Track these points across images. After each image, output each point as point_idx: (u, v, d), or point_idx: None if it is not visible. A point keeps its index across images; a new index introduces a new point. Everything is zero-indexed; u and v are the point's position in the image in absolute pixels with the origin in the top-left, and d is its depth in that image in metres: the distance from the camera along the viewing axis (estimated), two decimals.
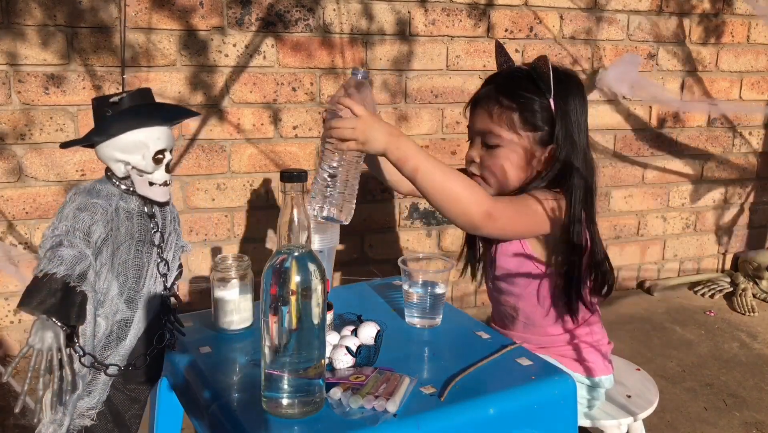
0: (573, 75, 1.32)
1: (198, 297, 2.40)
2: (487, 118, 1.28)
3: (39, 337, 0.85)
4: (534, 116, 1.25)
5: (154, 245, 1.00)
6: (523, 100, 1.25)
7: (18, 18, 2.03)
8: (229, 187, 2.36)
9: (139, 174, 0.96)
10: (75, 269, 0.88)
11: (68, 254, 0.88)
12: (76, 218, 0.91)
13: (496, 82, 1.31)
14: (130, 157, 0.94)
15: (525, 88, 1.25)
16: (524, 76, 1.27)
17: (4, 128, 2.09)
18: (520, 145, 1.26)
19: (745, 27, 2.93)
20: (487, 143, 1.29)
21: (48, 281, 0.86)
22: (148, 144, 0.94)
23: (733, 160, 3.09)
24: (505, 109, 1.26)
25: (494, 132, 1.27)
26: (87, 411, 0.96)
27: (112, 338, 0.97)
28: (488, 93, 1.29)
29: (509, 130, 1.26)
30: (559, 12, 2.61)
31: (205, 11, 2.20)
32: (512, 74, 1.30)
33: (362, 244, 2.57)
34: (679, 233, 3.09)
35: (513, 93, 1.26)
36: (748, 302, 2.84)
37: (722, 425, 1.98)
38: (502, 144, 1.27)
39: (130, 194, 0.97)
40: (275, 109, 2.35)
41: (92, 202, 0.93)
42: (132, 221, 0.97)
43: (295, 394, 0.95)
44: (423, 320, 1.29)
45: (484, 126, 1.29)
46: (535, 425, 1.06)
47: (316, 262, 0.94)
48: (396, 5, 2.40)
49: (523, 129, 1.26)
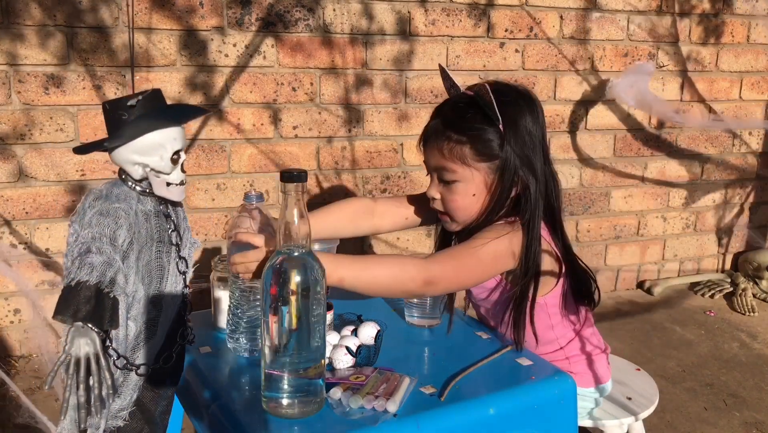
0: (521, 92, 1.26)
1: (198, 297, 2.40)
2: (438, 154, 1.25)
3: (76, 345, 0.86)
4: (486, 146, 1.21)
5: (172, 244, 1.01)
6: (472, 132, 1.21)
7: (18, 18, 2.03)
8: (229, 187, 2.36)
9: (156, 175, 0.96)
10: (106, 275, 0.89)
11: (98, 261, 0.89)
12: (100, 224, 0.92)
13: (443, 114, 1.27)
14: (149, 159, 0.94)
15: (472, 119, 1.21)
16: (469, 105, 1.22)
17: (4, 128, 2.09)
18: (477, 178, 1.23)
19: (745, 27, 2.93)
20: (443, 180, 1.26)
21: (81, 289, 0.87)
22: (166, 145, 0.94)
23: (732, 161, 3.09)
24: (455, 144, 1.22)
25: (448, 168, 1.24)
26: (119, 412, 0.97)
27: (141, 338, 0.98)
28: (437, 128, 1.26)
29: (463, 165, 1.22)
30: (559, 12, 2.62)
31: (205, 11, 2.20)
32: (457, 104, 1.25)
33: (362, 244, 2.57)
34: (679, 233, 3.09)
35: (461, 126, 1.22)
36: (748, 302, 2.84)
37: (722, 425, 1.98)
38: (459, 179, 1.23)
39: (146, 196, 0.98)
40: (275, 109, 2.35)
41: (114, 207, 0.94)
42: (150, 222, 0.98)
43: (295, 394, 0.95)
44: (423, 320, 1.29)
45: (437, 163, 1.26)
46: (535, 425, 1.06)
47: (316, 262, 0.94)
48: (396, 5, 2.40)
49: (477, 161, 1.22)
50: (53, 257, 2.20)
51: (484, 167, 1.22)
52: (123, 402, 0.98)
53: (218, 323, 1.24)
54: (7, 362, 2.21)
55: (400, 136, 2.52)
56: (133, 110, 0.93)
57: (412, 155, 2.55)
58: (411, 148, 2.55)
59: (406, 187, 2.57)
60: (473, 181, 1.23)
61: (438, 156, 1.24)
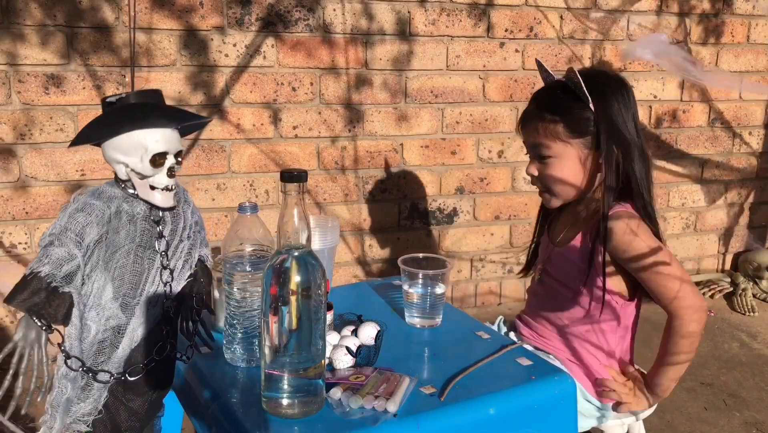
0: (611, 75, 1.37)
1: None
2: (534, 133, 1.35)
3: (22, 334, 0.86)
4: (578, 123, 1.30)
5: (156, 251, 0.98)
6: (564, 111, 1.31)
7: (18, 18, 2.03)
8: (229, 187, 2.36)
9: (138, 177, 0.94)
10: (61, 269, 0.88)
11: (56, 254, 0.88)
12: (71, 218, 0.91)
13: (538, 98, 1.38)
14: (129, 159, 0.93)
15: (564, 99, 1.31)
16: (562, 88, 1.33)
17: (5, 128, 2.09)
18: (572, 153, 1.32)
19: (745, 27, 2.93)
20: (540, 155, 1.35)
21: (33, 279, 0.86)
22: (147, 146, 0.92)
23: (733, 160, 3.09)
24: (549, 123, 1.32)
25: (544, 144, 1.33)
26: (82, 417, 0.95)
27: (106, 344, 0.95)
28: (532, 110, 1.37)
29: (557, 141, 1.32)
30: (559, 12, 2.61)
31: (205, 11, 2.20)
32: (550, 88, 1.37)
33: (362, 244, 2.57)
34: (679, 233, 3.09)
35: (553, 106, 1.32)
36: (748, 302, 2.84)
37: (722, 425, 1.98)
38: (554, 155, 1.33)
39: (135, 198, 0.96)
40: (275, 109, 2.35)
41: (90, 203, 0.92)
42: (135, 224, 0.95)
43: (295, 394, 0.94)
44: (423, 320, 1.29)
45: (534, 140, 1.36)
46: (535, 425, 1.06)
47: (316, 262, 0.94)
48: (396, 5, 2.40)
49: (571, 137, 1.31)
50: None
51: (577, 143, 1.31)
52: (87, 407, 0.95)
53: (218, 322, 1.24)
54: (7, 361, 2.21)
55: (400, 136, 2.52)
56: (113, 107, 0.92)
57: (413, 155, 2.55)
58: (411, 148, 2.55)
59: (406, 188, 2.57)
60: (568, 156, 1.32)
61: (534, 134, 1.35)
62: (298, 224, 0.93)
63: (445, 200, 2.65)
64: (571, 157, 1.32)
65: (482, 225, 2.72)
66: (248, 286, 1.10)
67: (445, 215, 2.65)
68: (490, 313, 2.71)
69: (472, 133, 2.61)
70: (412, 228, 2.63)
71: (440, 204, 2.64)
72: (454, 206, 2.66)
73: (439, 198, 2.63)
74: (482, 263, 2.76)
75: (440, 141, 2.58)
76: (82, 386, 0.95)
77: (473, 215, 2.69)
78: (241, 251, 1.12)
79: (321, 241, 1.39)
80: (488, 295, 2.80)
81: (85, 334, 0.93)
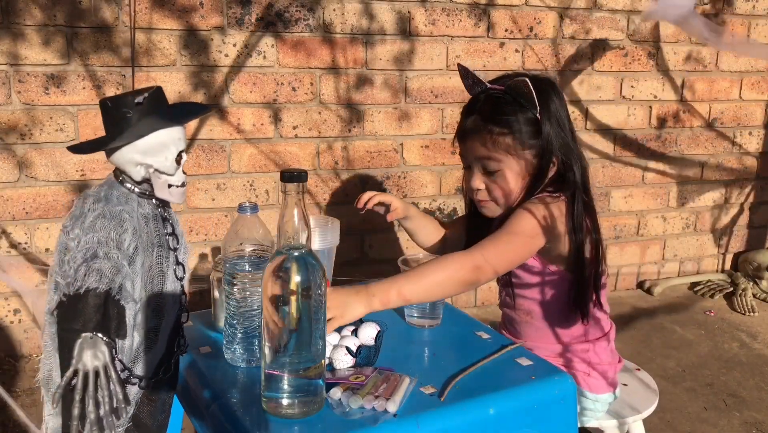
0: (545, 79, 1.36)
1: (198, 297, 2.40)
2: (481, 147, 1.32)
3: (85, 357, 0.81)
4: (526, 135, 1.30)
5: (170, 248, 0.96)
6: (512, 124, 1.29)
7: (18, 18, 2.03)
8: (229, 187, 2.36)
9: (159, 177, 0.92)
10: (115, 282, 0.85)
11: (107, 267, 0.84)
12: (105, 228, 0.86)
13: (479, 110, 1.34)
14: (153, 159, 0.90)
15: (510, 111, 1.30)
16: (504, 99, 1.31)
17: (5, 128, 2.09)
18: (520, 164, 1.32)
19: (745, 27, 2.93)
20: (487, 169, 1.34)
21: (90, 297, 0.82)
22: (170, 146, 0.90)
23: (732, 160, 3.09)
24: (498, 136, 1.30)
25: (494, 158, 1.32)
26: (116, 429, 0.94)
27: (142, 349, 0.93)
28: (475, 123, 1.33)
29: (507, 154, 1.31)
30: (559, 12, 2.61)
31: (205, 11, 2.20)
32: (492, 98, 1.33)
33: (362, 244, 2.57)
34: (679, 233, 3.09)
35: (500, 119, 1.30)
36: (748, 302, 2.84)
37: (722, 425, 1.98)
38: (503, 168, 1.32)
39: (145, 198, 0.93)
40: (275, 109, 2.35)
41: (117, 209, 0.88)
42: (149, 225, 0.93)
43: (295, 394, 0.95)
44: (423, 320, 1.29)
45: (481, 154, 1.33)
46: (535, 425, 1.06)
47: (316, 262, 0.94)
48: (396, 5, 2.40)
49: (520, 148, 1.30)
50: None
51: (527, 154, 1.31)
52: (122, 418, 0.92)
53: (218, 322, 1.24)
54: (8, 362, 2.21)
55: (400, 136, 2.52)
56: (140, 108, 0.89)
57: (413, 155, 2.55)
58: (411, 148, 2.55)
59: (406, 188, 2.57)
60: (517, 167, 1.32)
61: (481, 149, 1.33)
62: (298, 224, 0.93)
63: (445, 200, 2.65)
64: (520, 168, 1.32)
65: None
66: (248, 286, 1.10)
67: (445, 215, 2.65)
68: (490, 313, 2.71)
69: None
70: None
71: (440, 204, 2.64)
72: (454, 206, 2.66)
73: (439, 198, 2.63)
74: None
75: (440, 141, 2.58)
76: None
77: None
78: (241, 251, 1.12)
79: (321, 241, 1.39)
80: (488, 295, 2.80)
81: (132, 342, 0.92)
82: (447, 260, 1.20)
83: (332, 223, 1.42)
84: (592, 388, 1.37)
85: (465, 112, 1.38)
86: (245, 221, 1.14)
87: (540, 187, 1.32)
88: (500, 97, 1.31)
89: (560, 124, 1.32)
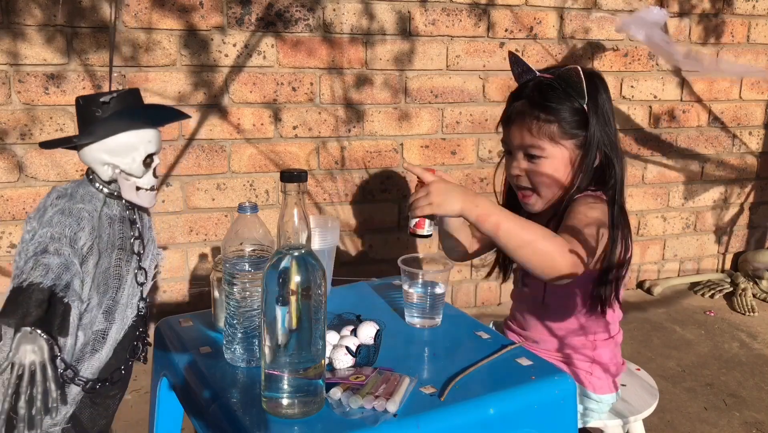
0: (595, 72, 1.36)
1: (198, 297, 2.40)
2: (527, 133, 1.31)
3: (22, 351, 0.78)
4: (571, 125, 1.29)
5: (133, 252, 0.95)
6: (559, 112, 1.29)
7: (18, 18, 2.03)
8: (229, 187, 2.36)
9: (126, 178, 0.91)
10: (62, 279, 0.83)
11: (55, 262, 0.83)
12: (61, 224, 0.86)
13: (527, 96, 1.33)
14: (120, 160, 0.89)
15: (558, 99, 1.29)
16: (553, 86, 1.30)
17: (5, 128, 2.09)
18: (563, 154, 1.31)
19: (745, 27, 2.93)
20: (530, 155, 1.32)
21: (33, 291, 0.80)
22: (139, 147, 0.89)
23: (732, 160, 3.09)
24: (543, 123, 1.29)
25: (537, 145, 1.30)
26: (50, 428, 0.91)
27: (87, 350, 0.92)
28: (522, 108, 1.32)
29: (551, 142, 1.30)
30: (558, 12, 2.61)
31: (206, 11, 2.20)
32: (541, 86, 1.32)
33: (362, 244, 2.57)
34: (679, 233, 3.09)
35: (548, 106, 1.29)
36: (748, 302, 2.84)
37: (722, 425, 1.98)
38: (546, 156, 1.30)
39: (113, 199, 0.93)
40: (275, 109, 2.35)
41: (77, 207, 0.88)
42: (113, 227, 0.92)
43: (295, 394, 0.94)
44: (423, 320, 1.29)
45: (525, 141, 1.32)
46: (535, 425, 1.06)
47: (316, 262, 0.94)
48: (396, 5, 2.40)
49: (564, 138, 1.30)
50: None
51: (570, 144, 1.30)
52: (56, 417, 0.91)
53: (218, 322, 1.24)
54: None
55: (400, 135, 2.52)
56: (107, 107, 0.88)
57: (413, 155, 2.55)
58: (411, 148, 2.55)
59: (406, 188, 2.57)
60: (560, 156, 1.31)
61: (526, 135, 1.31)
62: (298, 224, 0.93)
63: None
64: (563, 158, 1.31)
65: None
66: (248, 286, 1.10)
67: None
68: (490, 313, 2.71)
69: (472, 133, 2.61)
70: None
71: None
72: None
73: None
74: (482, 263, 2.76)
75: (440, 141, 2.58)
76: None
77: None
78: (241, 251, 1.12)
79: (321, 241, 1.39)
80: (488, 295, 2.80)
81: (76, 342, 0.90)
82: (553, 238, 1.15)
83: (332, 223, 1.42)
84: (597, 388, 1.37)
85: (512, 98, 1.37)
86: (245, 220, 1.14)
87: (584, 180, 1.31)
88: (549, 84, 1.31)
89: (606, 119, 1.31)
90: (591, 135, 1.29)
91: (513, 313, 1.52)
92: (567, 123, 1.29)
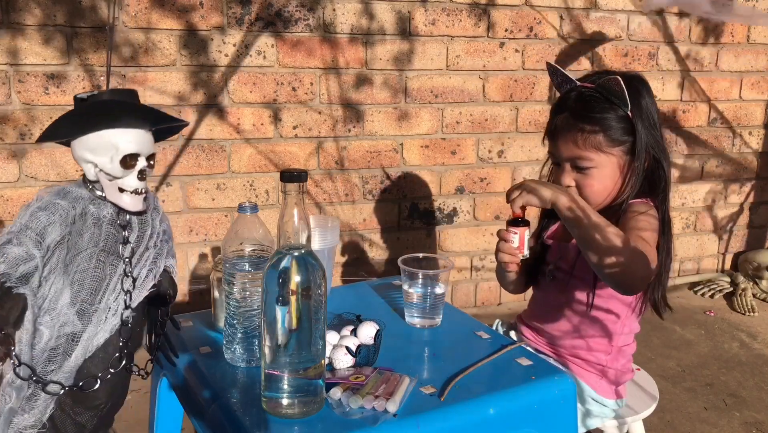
0: (635, 75, 1.35)
1: (198, 297, 2.40)
2: (572, 146, 1.31)
3: None
4: (618, 132, 1.29)
5: (120, 257, 0.93)
6: (604, 121, 1.29)
7: (18, 17, 2.03)
8: (229, 187, 2.36)
9: (107, 178, 0.90)
10: (17, 270, 0.83)
11: (13, 253, 0.83)
12: (33, 217, 0.86)
13: (570, 108, 1.33)
14: (98, 158, 0.88)
15: (601, 109, 1.29)
16: (595, 97, 1.30)
17: (5, 128, 2.09)
18: (612, 162, 1.31)
19: (744, 27, 2.93)
20: (578, 167, 1.32)
21: None
22: (118, 146, 0.88)
23: (733, 160, 3.09)
24: (589, 134, 1.29)
25: (585, 157, 1.31)
26: (24, 429, 0.89)
27: (58, 352, 0.89)
28: (566, 121, 1.32)
29: (598, 152, 1.30)
30: (559, 12, 2.61)
31: (205, 11, 2.20)
32: (583, 97, 1.32)
33: (362, 244, 2.57)
34: (679, 233, 3.09)
35: (591, 117, 1.29)
36: (748, 302, 2.84)
37: (722, 425, 1.98)
38: (595, 165, 1.31)
39: (103, 200, 0.91)
40: (275, 109, 2.35)
41: (54, 202, 0.88)
42: (100, 228, 0.91)
43: (295, 394, 0.94)
44: (423, 320, 1.29)
45: (572, 153, 1.32)
46: (535, 425, 1.06)
47: (316, 262, 0.94)
48: (396, 5, 2.40)
49: (611, 147, 1.30)
50: None
51: (617, 151, 1.30)
52: (30, 419, 0.89)
53: (218, 322, 1.24)
54: None
55: (400, 135, 2.52)
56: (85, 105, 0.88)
57: (413, 155, 2.55)
58: (411, 148, 2.55)
59: (406, 188, 2.57)
60: (608, 164, 1.31)
61: (572, 147, 1.31)
62: (298, 224, 0.93)
63: (445, 200, 2.65)
64: (612, 166, 1.31)
65: (482, 225, 2.72)
66: (248, 286, 1.10)
67: (445, 215, 2.65)
68: (490, 313, 2.71)
69: (472, 133, 2.61)
70: (412, 228, 2.63)
71: (440, 204, 2.64)
72: (454, 206, 2.66)
73: (439, 198, 2.63)
74: (482, 263, 2.76)
75: (440, 141, 2.58)
76: (27, 396, 0.89)
77: (473, 215, 2.69)
78: (241, 251, 1.12)
79: (321, 241, 1.39)
80: (488, 295, 2.80)
81: (36, 339, 0.87)
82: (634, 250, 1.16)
83: (332, 223, 1.42)
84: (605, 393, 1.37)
85: (555, 110, 1.37)
86: (245, 220, 1.14)
87: (637, 184, 1.31)
88: (591, 95, 1.30)
89: (651, 122, 1.31)
90: (639, 140, 1.29)
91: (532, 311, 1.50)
92: (613, 131, 1.29)
